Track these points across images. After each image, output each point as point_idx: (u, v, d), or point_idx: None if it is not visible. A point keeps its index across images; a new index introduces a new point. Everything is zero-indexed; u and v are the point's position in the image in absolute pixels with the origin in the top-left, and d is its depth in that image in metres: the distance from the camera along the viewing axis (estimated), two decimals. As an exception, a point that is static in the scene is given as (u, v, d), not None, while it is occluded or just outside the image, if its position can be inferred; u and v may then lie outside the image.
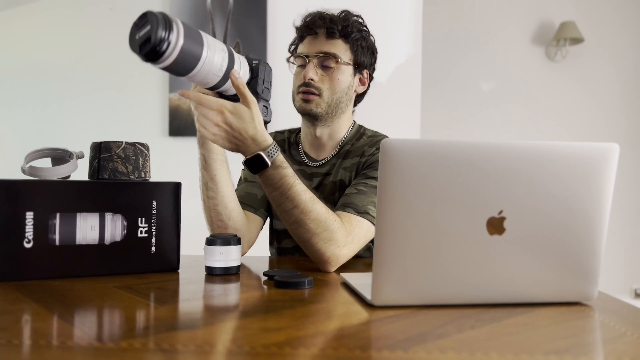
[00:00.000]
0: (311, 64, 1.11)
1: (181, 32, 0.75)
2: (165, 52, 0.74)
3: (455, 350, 0.49)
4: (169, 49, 0.74)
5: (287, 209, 0.89)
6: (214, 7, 2.58)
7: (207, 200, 1.01)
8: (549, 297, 0.68)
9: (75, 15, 2.90)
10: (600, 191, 0.65)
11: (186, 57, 0.77)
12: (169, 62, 0.76)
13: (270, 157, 0.85)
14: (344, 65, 1.12)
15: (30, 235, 0.78)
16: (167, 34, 0.73)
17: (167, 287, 0.78)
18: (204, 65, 0.80)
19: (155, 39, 0.72)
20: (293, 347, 0.49)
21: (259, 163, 0.85)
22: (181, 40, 0.75)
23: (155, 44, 0.72)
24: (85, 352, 0.48)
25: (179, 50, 0.75)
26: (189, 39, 0.76)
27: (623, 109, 3.35)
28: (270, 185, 0.88)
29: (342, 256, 0.92)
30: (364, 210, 0.99)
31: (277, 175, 0.86)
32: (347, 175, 1.14)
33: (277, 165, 0.86)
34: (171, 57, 0.75)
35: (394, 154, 0.60)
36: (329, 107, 1.12)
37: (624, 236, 3.25)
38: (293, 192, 0.87)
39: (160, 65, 0.76)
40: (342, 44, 1.12)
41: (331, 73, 1.11)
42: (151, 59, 0.74)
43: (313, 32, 1.13)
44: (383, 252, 0.62)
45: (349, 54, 1.13)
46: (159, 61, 0.75)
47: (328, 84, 1.11)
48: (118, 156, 0.88)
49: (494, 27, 3.41)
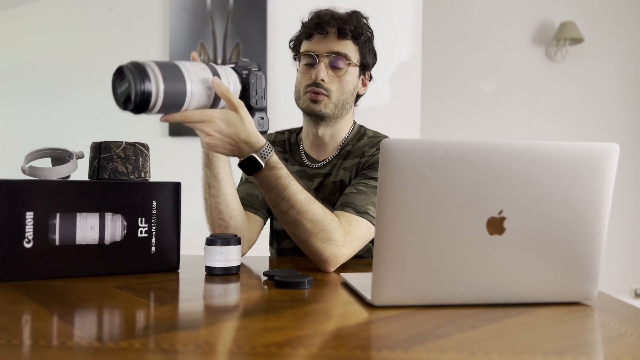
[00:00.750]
0: (322, 64, 1.09)
1: (159, 77, 0.74)
2: (149, 103, 0.73)
3: (455, 350, 0.49)
4: (152, 99, 0.73)
5: (283, 210, 0.89)
6: (214, 7, 2.58)
7: (209, 199, 1.01)
8: (549, 297, 0.68)
9: (75, 15, 2.90)
10: (600, 191, 0.65)
11: (172, 97, 0.76)
12: (157, 109, 0.75)
13: (263, 158, 0.85)
14: (353, 67, 1.12)
15: (30, 235, 0.78)
16: (146, 86, 0.72)
17: (167, 287, 0.78)
18: (192, 96, 0.79)
19: (136, 96, 0.72)
20: (293, 347, 0.49)
21: (253, 165, 0.85)
22: (161, 85, 0.74)
23: (137, 100, 0.72)
24: (85, 352, 0.48)
25: (162, 95, 0.74)
26: (169, 80, 0.75)
27: (623, 109, 3.35)
28: (265, 187, 0.88)
29: (341, 256, 0.92)
30: (364, 210, 0.99)
31: (272, 176, 0.87)
32: (347, 176, 1.14)
33: (272, 166, 0.86)
34: (158, 104, 0.75)
35: (394, 154, 0.60)
36: (336, 108, 1.12)
37: (624, 236, 3.24)
38: (288, 192, 0.87)
39: (150, 114, 0.76)
40: (352, 45, 1.12)
41: (341, 74, 1.10)
42: (138, 112, 0.74)
43: (324, 31, 1.11)
44: (383, 252, 0.62)
45: (357, 55, 1.13)
46: (147, 112, 0.75)
47: (337, 85, 1.11)
48: (118, 156, 0.88)
49: (494, 27, 3.41)
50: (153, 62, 0.75)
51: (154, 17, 2.69)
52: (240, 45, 2.57)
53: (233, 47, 2.57)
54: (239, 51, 2.57)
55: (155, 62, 0.75)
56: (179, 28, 2.61)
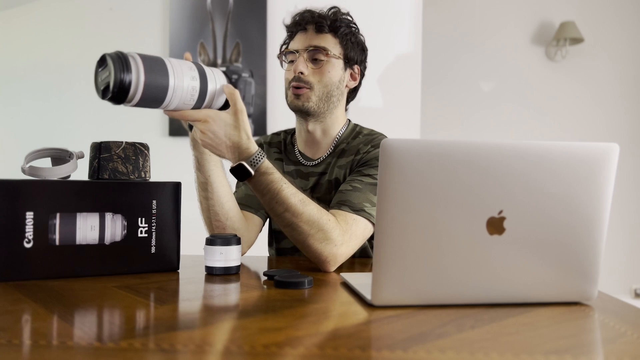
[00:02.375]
0: (301, 58, 1.11)
1: (140, 68, 0.73)
2: (128, 93, 0.73)
3: (455, 350, 0.49)
4: (131, 89, 0.72)
5: (278, 213, 0.90)
6: (214, 7, 2.58)
7: (204, 202, 1.02)
8: (549, 297, 0.68)
9: (75, 15, 2.90)
10: (600, 191, 0.65)
11: (153, 90, 0.75)
12: (136, 101, 0.75)
13: (253, 166, 0.86)
14: (334, 58, 1.12)
15: (30, 235, 0.78)
16: (126, 75, 0.71)
17: (167, 287, 0.78)
18: (174, 93, 0.78)
19: (115, 85, 0.71)
20: (293, 347, 0.49)
21: (243, 172, 0.86)
22: (142, 76, 0.73)
23: (116, 88, 0.71)
24: (85, 352, 0.48)
25: (142, 87, 0.73)
26: (151, 72, 0.74)
27: (623, 109, 3.35)
28: (259, 191, 0.89)
29: (341, 255, 0.92)
30: (360, 208, 0.98)
31: (264, 182, 0.88)
32: (342, 174, 1.14)
33: (263, 172, 0.87)
34: (137, 96, 0.74)
35: (394, 154, 0.60)
36: (320, 100, 1.12)
37: (624, 236, 3.25)
38: (282, 196, 0.88)
39: (129, 105, 0.75)
40: (331, 38, 1.13)
41: (321, 66, 1.11)
42: (117, 102, 0.73)
43: (302, 28, 1.14)
44: (383, 252, 0.62)
45: (338, 47, 1.14)
46: (125, 102, 0.74)
47: (319, 77, 1.11)
48: (118, 156, 0.88)
49: (494, 27, 3.41)
50: (137, 54, 0.74)
51: (154, 17, 2.69)
52: (240, 45, 2.57)
53: (233, 47, 2.57)
54: (239, 51, 2.57)
55: (139, 54, 0.75)
56: (179, 28, 2.61)
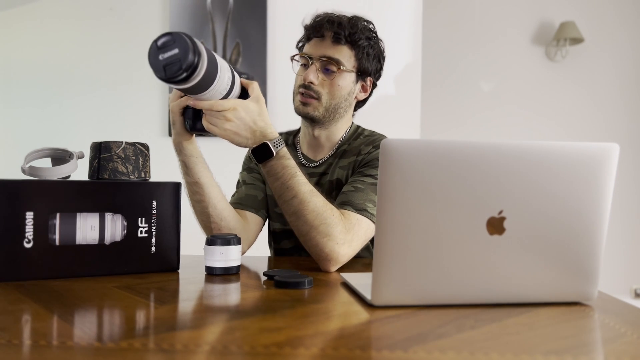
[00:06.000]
0: (313, 66, 1.10)
1: (205, 57, 0.74)
2: (190, 78, 0.73)
3: (455, 350, 0.49)
4: (194, 75, 0.73)
5: (287, 199, 0.91)
6: (214, 7, 2.58)
7: (197, 205, 1.02)
8: (549, 297, 0.68)
9: (75, 15, 2.90)
10: (600, 191, 0.65)
11: (206, 79, 0.77)
12: (189, 85, 0.75)
13: (275, 148, 0.89)
14: (346, 72, 1.11)
15: (30, 235, 0.78)
16: (197, 61, 0.72)
17: (167, 287, 0.78)
18: (218, 81, 0.80)
19: (186, 65, 0.71)
20: (293, 347, 0.49)
21: (265, 152, 0.89)
22: (205, 63, 0.74)
23: (184, 69, 0.72)
24: (85, 352, 0.48)
25: (203, 73, 0.74)
26: (210, 63, 0.76)
27: (623, 109, 3.35)
28: (273, 175, 0.91)
29: (342, 255, 0.92)
30: (362, 208, 0.99)
31: (280, 165, 0.90)
32: (344, 174, 1.14)
33: (281, 156, 0.90)
34: (193, 82, 0.75)
35: (394, 154, 0.60)
36: (327, 111, 1.12)
37: (624, 236, 3.25)
38: (294, 182, 0.90)
39: (179, 87, 0.76)
40: (347, 50, 1.11)
41: (332, 78, 1.10)
42: (174, 82, 0.74)
43: (320, 34, 1.11)
44: (383, 252, 0.62)
45: (353, 60, 1.12)
46: (181, 84, 0.75)
47: (328, 88, 1.11)
48: (118, 156, 0.88)
49: (494, 28, 3.41)
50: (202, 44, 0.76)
51: (154, 17, 2.69)
52: (240, 45, 2.57)
53: (233, 47, 2.57)
54: (239, 51, 2.57)
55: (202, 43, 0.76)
56: (179, 28, 2.61)
